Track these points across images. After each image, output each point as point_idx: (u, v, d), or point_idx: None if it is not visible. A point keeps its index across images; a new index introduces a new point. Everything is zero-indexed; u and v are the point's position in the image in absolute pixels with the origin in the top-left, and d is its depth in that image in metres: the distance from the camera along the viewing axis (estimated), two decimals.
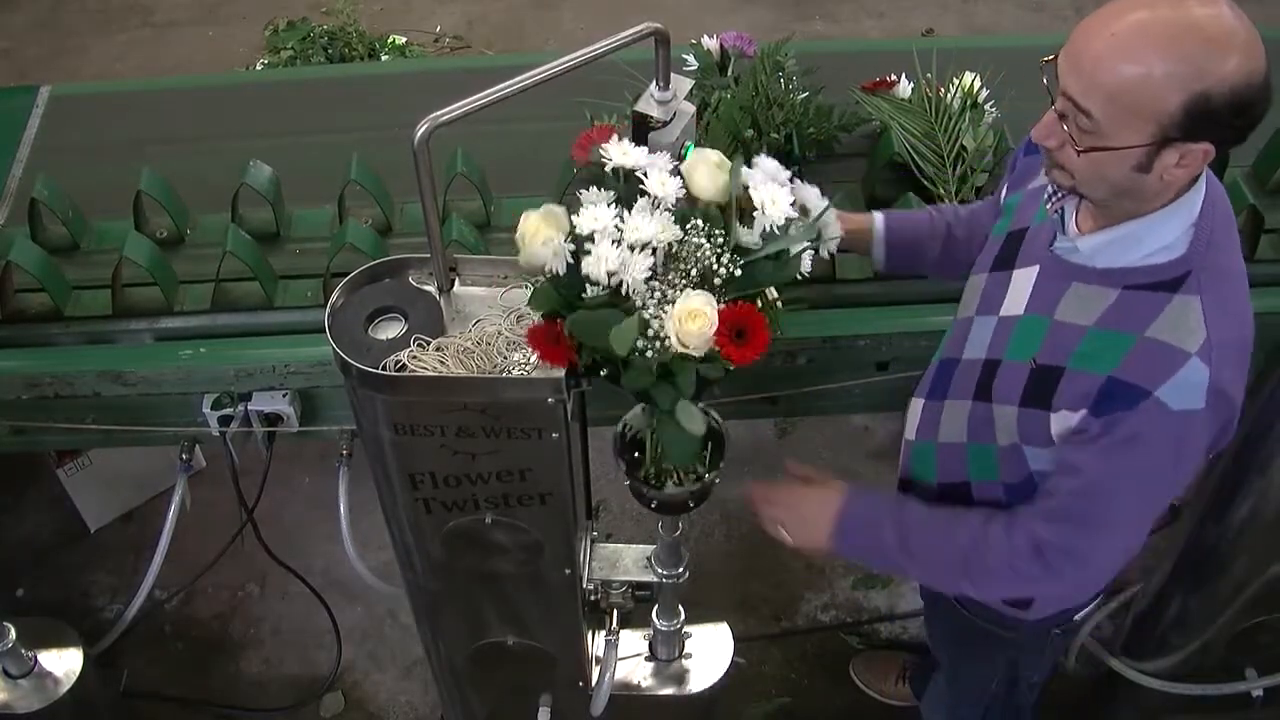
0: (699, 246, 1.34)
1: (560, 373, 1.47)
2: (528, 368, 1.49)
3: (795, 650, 2.87)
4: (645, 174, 1.38)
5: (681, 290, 1.32)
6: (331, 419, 2.06)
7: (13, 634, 2.21)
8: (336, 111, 2.36)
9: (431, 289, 1.57)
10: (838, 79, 2.18)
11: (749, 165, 1.42)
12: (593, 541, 1.90)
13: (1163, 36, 1.23)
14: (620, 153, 1.42)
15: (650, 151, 1.59)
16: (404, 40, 4.33)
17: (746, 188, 1.38)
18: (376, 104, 2.37)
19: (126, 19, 4.57)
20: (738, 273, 1.34)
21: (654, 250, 1.34)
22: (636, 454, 1.63)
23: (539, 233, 1.36)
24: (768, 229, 1.36)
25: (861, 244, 1.79)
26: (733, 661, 2.09)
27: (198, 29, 4.52)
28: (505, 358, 1.50)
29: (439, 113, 1.38)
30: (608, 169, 1.42)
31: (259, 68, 4.22)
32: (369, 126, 2.24)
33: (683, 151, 1.63)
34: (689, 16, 4.28)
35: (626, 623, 1.96)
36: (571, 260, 1.35)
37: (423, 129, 1.37)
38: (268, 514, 2.36)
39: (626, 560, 1.89)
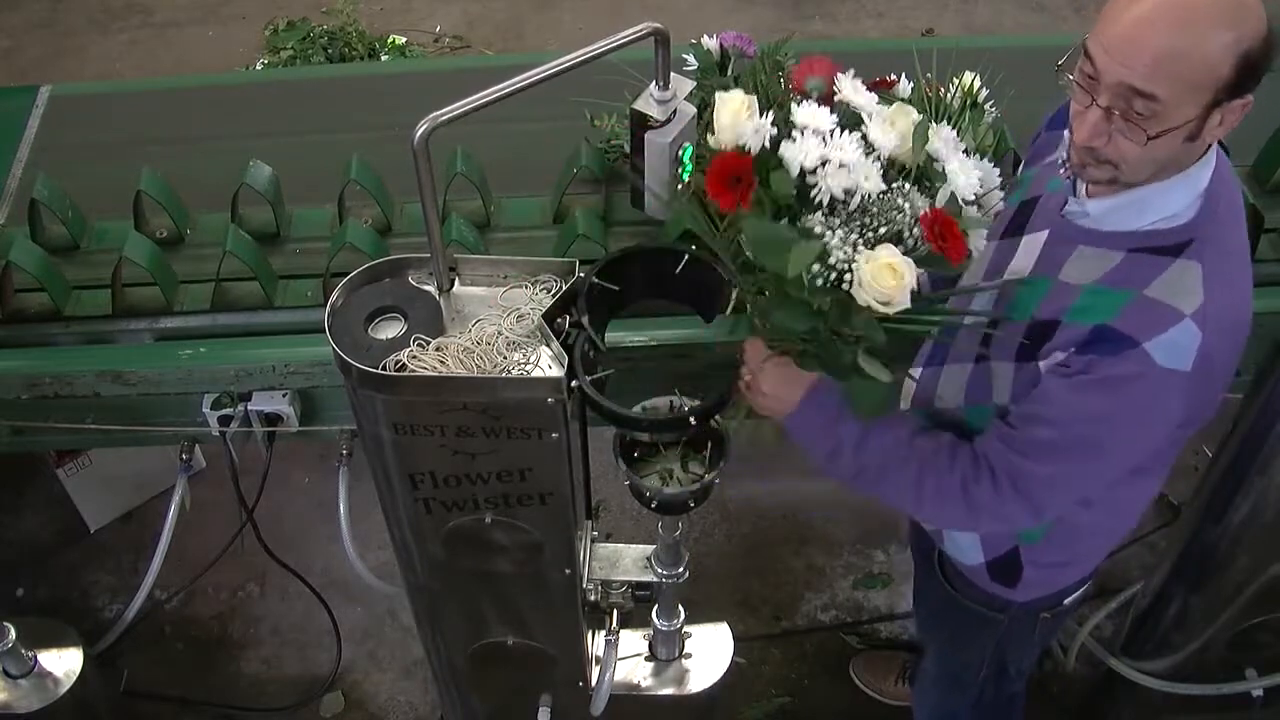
0: (899, 209, 1.32)
1: (560, 373, 1.47)
2: (528, 368, 1.49)
3: (795, 650, 2.87)
4: (870, 116, 1.39)
5: (869, 243, 1.31)
6: (331, 419, 2.05)
7: (13, 634, 2.21)
8: (336, 111, 2.36)
9: (431, 289, 1.57)
10: None
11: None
12: (593, 541, 1.90)
13: (1204, 7, 1.26)
14: (852, 89, 1.43)
15: (651, 151, 1.60)
16: (404, 40, 4.33)
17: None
18: (376, 104, 2.37)
19: (126, 19, 4.56)
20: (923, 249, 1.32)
21: (852, 193, 1.33)
22: (637, 454, 1.64)
23: (739, 109, 1.37)
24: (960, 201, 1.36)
25: None
26: (733, 661, 2.09)
27: (198, 29, 4.52)
28: (505, 358, 1.50)
29: (439, 113, 1.38)
30: (836, 98, 1.42)
31: (259, 68, 4.21)
32: (369, 126, 2.24)
33: (681, 153, 1.63)
34: (689, 16, 4.28)
35: (626, 623, 1.96)
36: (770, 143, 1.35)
37: (422, 129, 1.37)
38: (268, 514, 2.36)
39: (626, 560, 1.89)
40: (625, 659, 2.05)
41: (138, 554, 2.98)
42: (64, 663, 2.33)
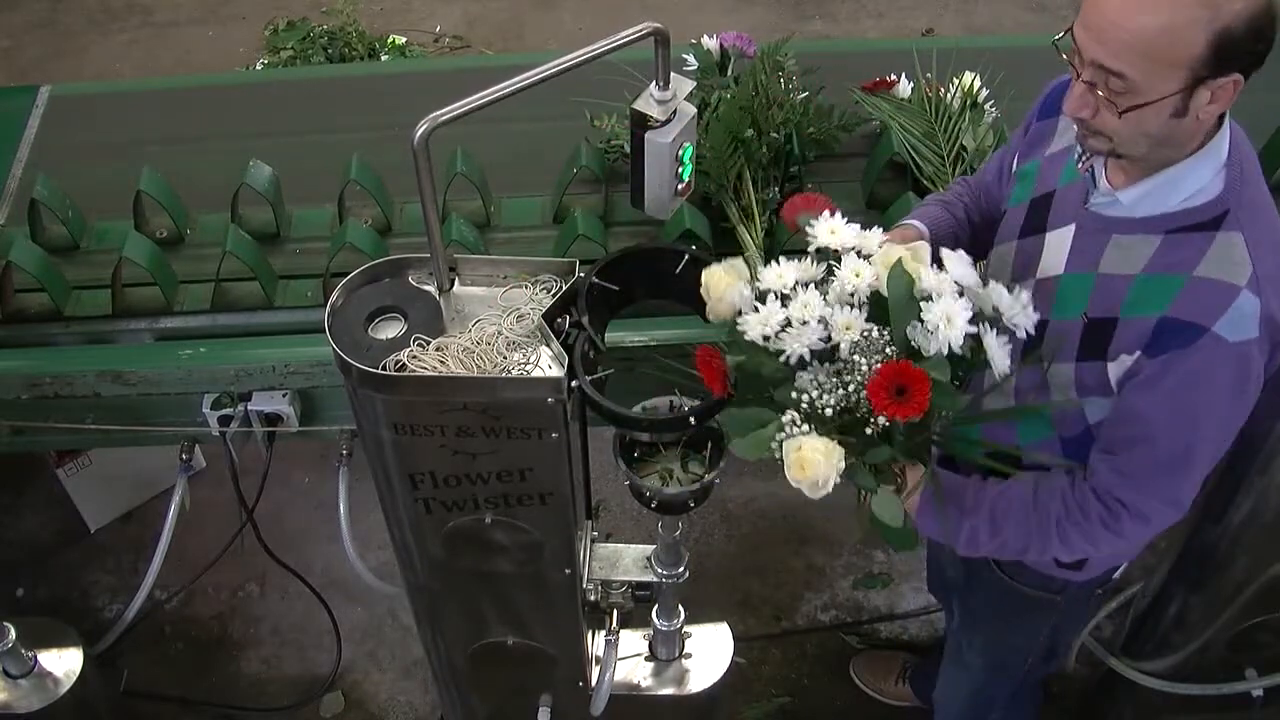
0: (855, 366, 1.33)
1: (560, 372, 1.47)
2: (528, 368, 1.49)
3: (795, 650, 2.87)
4: (840, 257, 1.40)
5: (834, 396, 1.33)
6: (331, 419, 2.05)
7: (13, 634, 2.21)
8: (336, 111, 2.36)
9: (431, 289, 1.57)
10: (838, 79, 2.18)
11: (938, 264, 1.40)
12: (593, 541, 1.90)
13: None
14: (828, 230, 1.43)
15: (651, 151, 1.60)
16: (404, 40, 4.33)
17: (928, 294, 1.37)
18: (376, 104, 2.37)
19: (126, 19, 4.56)
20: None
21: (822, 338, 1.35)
22: (637, 454, 1.64)
23: (721, 281, 1.41)
24: (944, 350, 1.34)
25: None
26: (733, 661, 2.09)
27: (198, 29, 4.52)
28: (505, 357, 1.50)
29: (439, 113, 1.38)
30: (809, 248, 1.44)
31: (259, 68, 4.21)
32: (369, 126, 2.24)
33: (681, 153, 1.63)
34: (689, 16, 4.28)
35: (626, 623, 1.96)
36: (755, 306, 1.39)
37: (422, 129, 1.37)
38: (268, 514, 2.36)
39: (626, 560, 1.89)
40: (625, 659, 2.05)
41: (138, 554, 2.98)
42: (64, 663, 2.33)
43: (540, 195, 2.13)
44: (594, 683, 1.97)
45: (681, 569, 1.86)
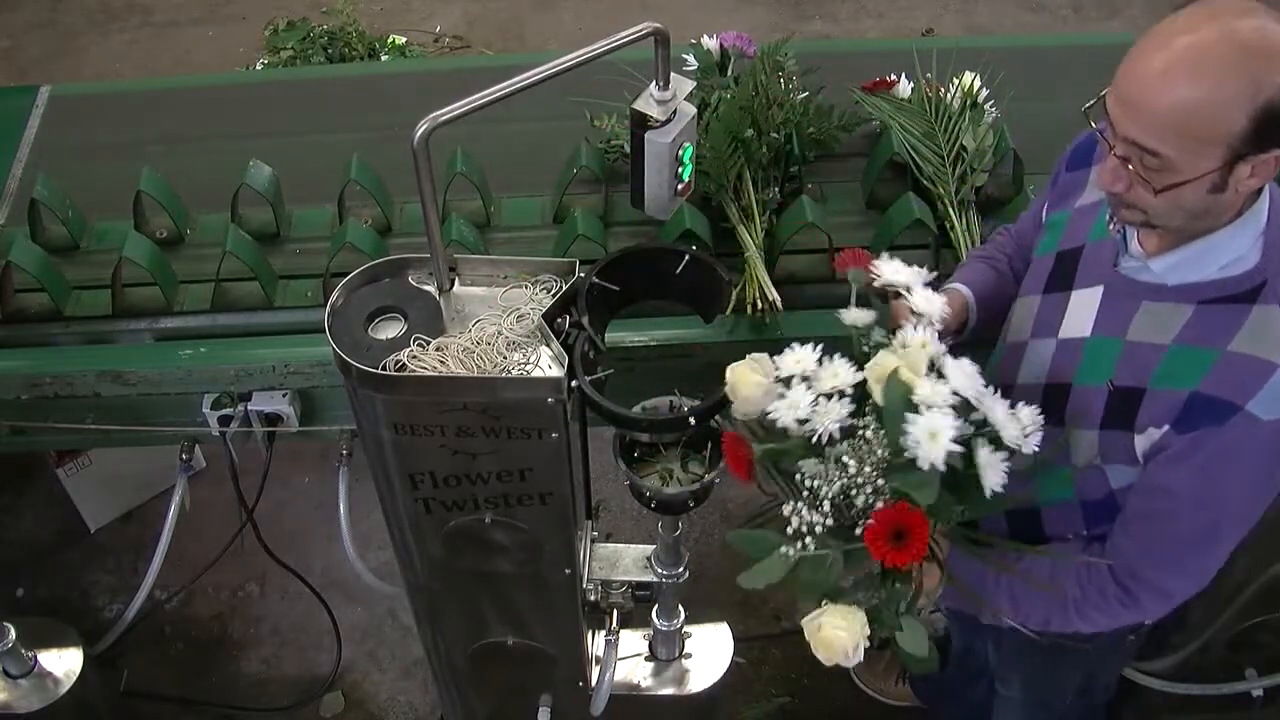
0: (845, 468, 1.30)
1: (560, 372, 1.47)
2: (528, 368, 1.49)
3: (795, 650, 2.86)
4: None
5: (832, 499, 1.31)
6: (331, 419, 2.06)
7: (13, 634, 2.21)
8: (336, 111, 2.36)
9: (431, 289, 1.57)
10: (838, 79, 2.18)
11: (937, 372, 1.35)
12: (593, 541, 1.90)
13: (1214, 59, 1.21)
14: (892, 270, 1.43)
15: (651, 151, 1.60)
16: (404, 40, 4.32)
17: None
18: (376, 104, 2.37)
19: (126, 19, 4.56)
20: (878, 504, 1.29)
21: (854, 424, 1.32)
22: (637, 454, 1.64)
23: (748, 379, 1.38)
24: (928, 467, 1.27)
25: (959, 322, 1.68)
26: (733, 661, 2.09)
27: (198, 29, 4.52)
28: (505, 358, 1.50)
29: (439, 113, 1.38)
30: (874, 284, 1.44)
31: (259, 68, 4.21)
32: (369, 126, 2.24)
33: (681, 153, 1.63)
34: (689, 16, 4.28)
35: (626, 623, 1.96)
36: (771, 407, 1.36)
37: (422, 129, 1.37)
38: (268, 514, 2.36)
39: (626, 560, 1.89)
40: (625, 659, 2.05)
41: (138, 554, 2.98)
42: (64, 663, 2.33)
43: (540, 195, 2.14)
44: (594, 683, 1.97)
45: (681, 569, 1.86)
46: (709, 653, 2.09)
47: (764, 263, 1.93)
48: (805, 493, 1.32)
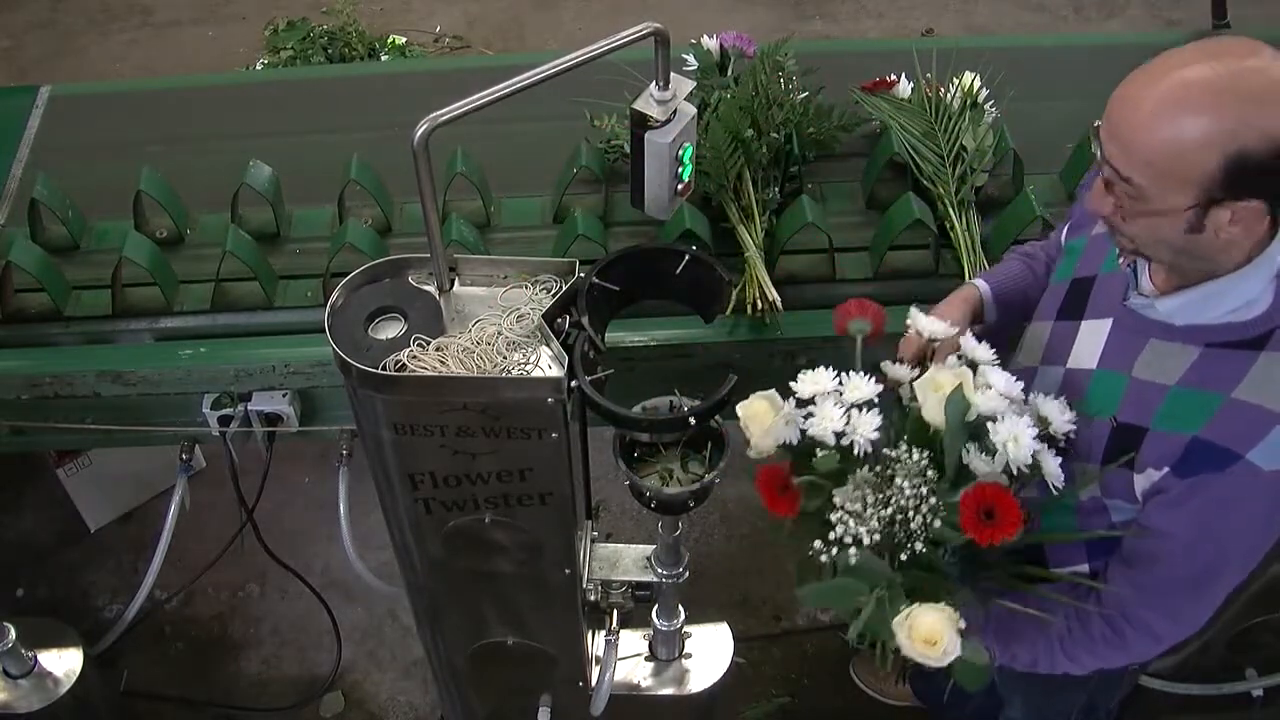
0: (900, 490, 1.31)
1: (560, 372, 1.47)
2: (528, 368, 1.49)
3: (795, 650, 2.86)
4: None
5: (878, 515, 1.31)
6: (331, 419, 2.06)
7: (13, 634, 2.21)
8: (336, 111, 2.36)
9: (431, 289, 1.57)
10: (838, 79, 2.18)
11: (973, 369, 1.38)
12: (593, 541, 1.90)
13: (1196, 98, 1.19)
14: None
15: (651, 151, 1.60)
16: (404, 40, 4.33)
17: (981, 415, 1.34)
18: (376, 104, 2.37)
19: (126, 19, 4.57)
20: (936, 523, 1.31)
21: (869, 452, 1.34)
22: (637, 454, 1.64)
23: (764, 412, 1.38)
24: (1013, 471, 1.32)
25: (976, 314, 1.69)
26: (733, 661, 2.09)
27: (198, 29, 4.52)
28: (505, 358, 1.50)
29: (439, 113, 1.38)
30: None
31: (259, 68, 4.21)
32: (369, 126, 2.24)
33: (681, 153, 1.63)
34: (689, 16, 4.28)
35: (626, 623, 1.96)
36: (803, 424, 1.37)
37: (422, 129, 1.37)
38: (268, 514, 2.36)
39: (626, 560, 1.89)
40: (625, 659, 2.05)
41: (138, 554, 2.98)
42: (64, 663, 2.33)
43: (540, 195, 2.14)
44: (594, 683, 1.97)
45: (681, 569, 1.86)
46: (709, 653, 2.09)
47: (764, 263, 1.93)
48: (851, 516, 1.33)
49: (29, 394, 1.96)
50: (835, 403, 1.37)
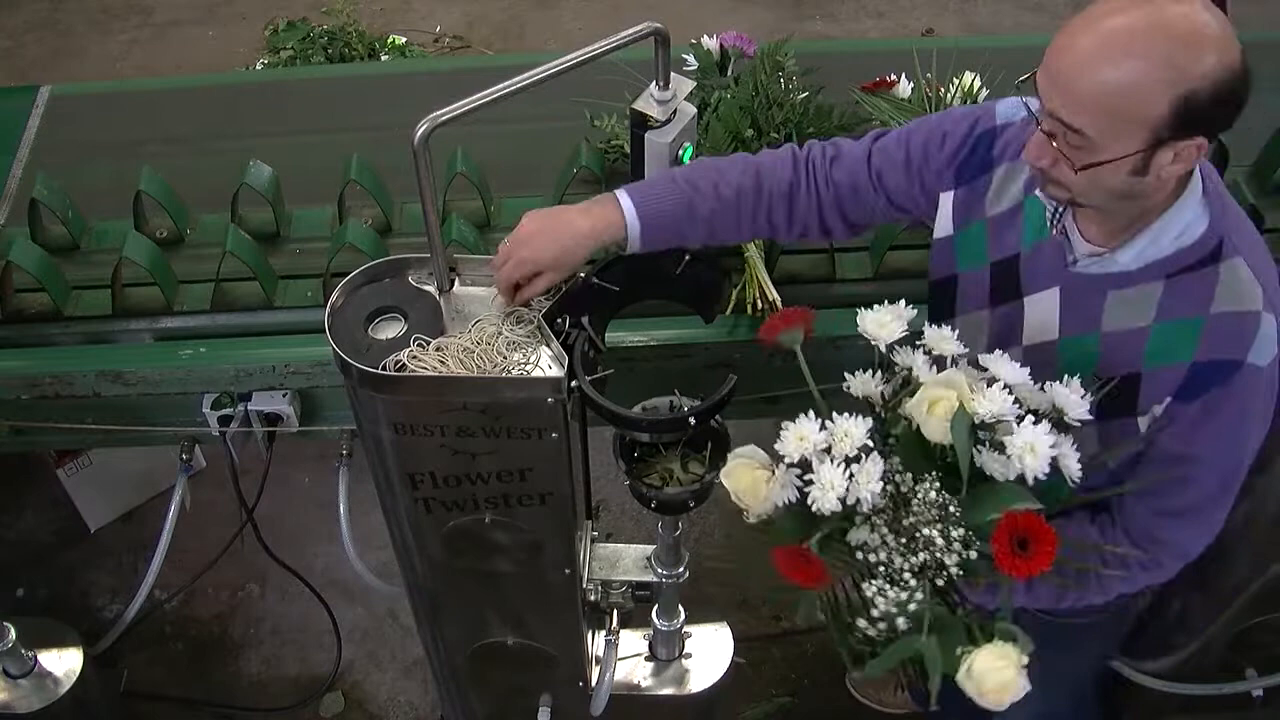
0: (929, 540, 1.25)
1: (560, 372, 1.47)
2: (528, 368, 1.49)
3: (795, 650, 2.86)
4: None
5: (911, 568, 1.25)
6: (331, 419, 2.06)
7: (13, 634, 2.21)
8: (336, 111, 2.36)
9: (431, 289, 1.57)
10: (838, 79, 2.18)
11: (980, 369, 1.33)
12: (593, 541, 1.90)
13: (1139, 42, 1.22)
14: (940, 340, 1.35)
15: (651, 151, 1.60)
16: (404, 40, 4.33)
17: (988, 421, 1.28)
18: (376, 104, 2.37)
19: (126, 19, 4.57)
20: (972, 555, 1.25)
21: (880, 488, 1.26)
22: (637, 454, 1.64)
23: (753, 479, 1.32)
24: (1029, 480, 1.27)
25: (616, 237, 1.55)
26: (733, 661, 2.09)
27: (198, 29, 4.52)
28: (505, 358, 1.50)
29: (439, 113, 1.38)
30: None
31: (259, 68, 4.21)
32: (369, 126, 2.24)
33: (681, 153, 1.63)
34: (689, 16, 4.28)
35: (626, 623, 1.96)
36: (800, 483, 1.31)
37: (422, 129, 1.37)
38: (268, 514, 2.36)
39: (626, 560, 1.89)
40: (625, 659, 2.05)
41: (138, 554, 2.98)
42: (64, 663, 2.33)
43: (540, 195, 2.13)
44: (594, 683, 1.97)
45: (681, 569, 1.86)
46: (709, 653, 2.09)
47: (764, 263, 1.93)
48: (880, 567, 1.27)
49: (29, 394, 1.96)
50: (831, 460, 1.27)
